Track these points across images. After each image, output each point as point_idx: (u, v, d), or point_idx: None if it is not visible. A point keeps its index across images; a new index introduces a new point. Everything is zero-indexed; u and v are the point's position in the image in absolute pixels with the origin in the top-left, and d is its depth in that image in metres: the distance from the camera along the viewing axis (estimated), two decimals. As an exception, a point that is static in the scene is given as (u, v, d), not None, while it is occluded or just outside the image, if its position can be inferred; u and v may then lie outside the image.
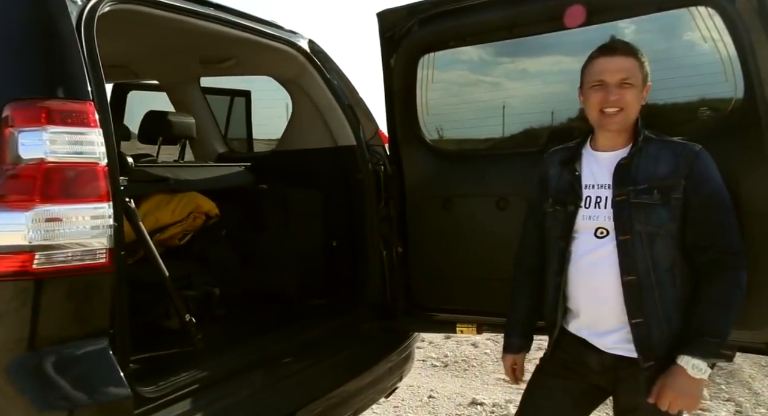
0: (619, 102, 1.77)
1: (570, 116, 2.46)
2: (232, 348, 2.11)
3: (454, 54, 2.59)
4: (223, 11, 2.40)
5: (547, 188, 1.98)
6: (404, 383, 4.55)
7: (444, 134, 2.74)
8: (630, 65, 1.78)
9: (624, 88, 1.77)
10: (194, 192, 2.60)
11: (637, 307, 1.77)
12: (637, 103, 1.80)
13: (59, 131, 1.43)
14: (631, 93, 1.78)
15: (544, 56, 2.50)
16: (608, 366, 1.85)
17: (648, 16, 2.14)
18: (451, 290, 2.64)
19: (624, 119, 1.80)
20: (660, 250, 1.76)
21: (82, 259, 1.44)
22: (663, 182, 1.77)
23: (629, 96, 1.77)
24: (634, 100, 1.79)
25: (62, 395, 1.39)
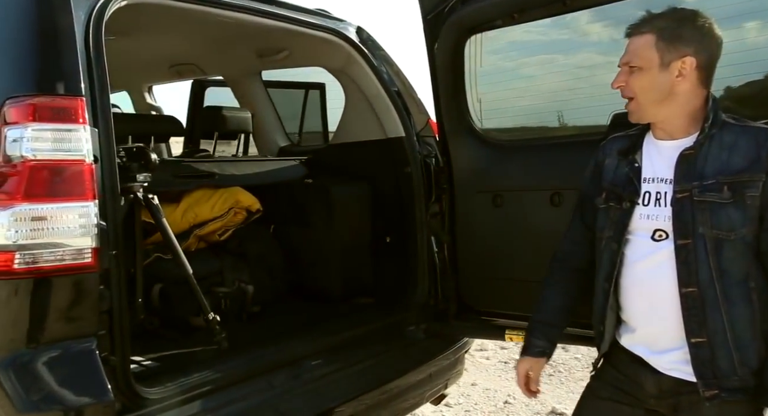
0: (624, 90, 1.57)
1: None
2: (254, 349, 2.05)
3: (504, 34, 2.35)
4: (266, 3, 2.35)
5: (601, 180, 1.71)
6: (481, 386, 4.40)
7: (496, 123, 2.51)
8: (638, 45, 1.53)
9: (631, 72, 1.54)
10: (236, 187, 2.57)
11: (697, 324, 1.48)
12: (651, 88, 1.52)
13: (44, 128, 1.41)
14: (638, 78, 1.53)
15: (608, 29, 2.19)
16: (666, 390, 1.58)
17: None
18: (502, 293, 2.44)
19: (637, 109, 1.57)
20: (729, 258, 1.46)
21: (67, 259, 1.41)
22: (736, 176, 1.46)
23: (634, 82, 1.54)
24: (643, 85, 1.53)
25: (43, 397, 1.37)
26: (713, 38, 1.51)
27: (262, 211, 2.64)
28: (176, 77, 3.83)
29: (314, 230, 2.72)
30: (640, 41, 1.53)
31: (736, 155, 1.47)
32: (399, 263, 2.72)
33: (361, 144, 2.86)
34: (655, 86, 1.52)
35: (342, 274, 2.70)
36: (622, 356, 1.68)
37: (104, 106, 1.59)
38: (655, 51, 1.51)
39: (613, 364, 1.72)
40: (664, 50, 1.50)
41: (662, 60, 1.50)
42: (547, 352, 1.80)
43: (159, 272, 2.24)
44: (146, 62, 3.73)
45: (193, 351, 2.02)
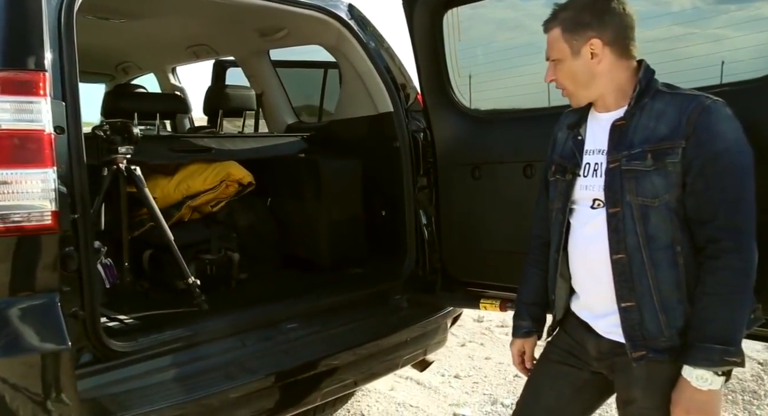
0: (557, 83, 1.64)
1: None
2: (232, 311, 2.17)
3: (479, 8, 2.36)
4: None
5: (554, 153, 1.77)
6: (494, 359, 4.44)
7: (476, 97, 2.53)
8: (551, 39, 1.60)
9: (554, 65, 1.61)
10: (228, 161, 2.69)
11: (627, 289, 1.52)
12: (572, 76, 1.59)
13: (7, 100, 1.55)
14: (560, 69, 1.60)
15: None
16: (605, 352, 1.64)
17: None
18: (480, 264, 2.48)
19: (570, 95, 1.64)
20: (655, 224, 1.49)
21: (29, 220, 1.56)
22: (659, 144, 1.48)
23: (558, 73, 1.61)
24: (565, 75, 1.59)
25: (8, 342, 1.53)
26: (614, 13, 1.54)
27: (254, 184, 2.76)
28: (194, 58, 4.00)
29: (305, 203, 2.82)
30: (552, 36, 1.60)
31: (662, 123, 1.49)
32: (389, 236, 2.79)
33: (355, 120, 2.93)
34: (576, 73, 1.58)
35: (331, 245, 2.79)
36: (573, 321, 1.74)
37: (72, 81, 1.72)
38: (564, 42, 1.57)
39: (565, 329, 1.78)
40: (570, 40, 1.56)
41: (572, 49, 1.56)
42: (534, 331, 1.86)
43: (151, 239, 2.40)
44: (166, 44, 3.91)
45: (174, 311, 2.17)
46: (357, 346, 2.20)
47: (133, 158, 2.21)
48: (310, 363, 2.08)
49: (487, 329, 5.08)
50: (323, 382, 2.11)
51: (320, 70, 4.50)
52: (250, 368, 1.97)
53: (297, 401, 2.07)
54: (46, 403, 1.53)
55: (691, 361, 1.43)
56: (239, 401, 1.90)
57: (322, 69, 4.50)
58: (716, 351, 1.40)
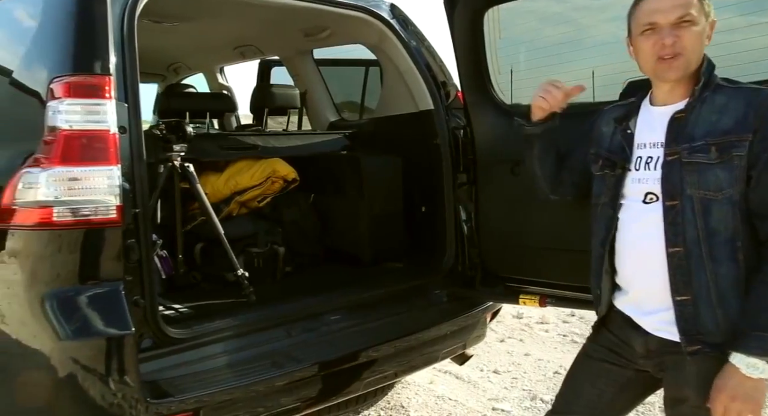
0: (676, 45, 1.50)
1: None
2: (278, 302, 2.27)
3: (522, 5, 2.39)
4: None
5: (599, 147, 1.77)
6: (533, 355, 4.45)
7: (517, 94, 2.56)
8: (685, 1, 1.50)
9: (682, 27, 1.50)
10: (274, 158, 2.80)
11: (683, 283, 1.52)
12: (699, 44, 1.52)
13: (77, 103, 1.67)
14: (692, 33, 1.50)
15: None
16: (653, 350, 1.63)
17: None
18: (519, 259, 2.51)
19: (685, 65, 1.52)
20: (717, 218, 1.48)
21: (96, 214, 1.68)
22: (724, 137, 1.47)
23: (689, 37, 1.50)
24: (695, 41, 1.50)
25: (78, 327, 1.65)
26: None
27: (298, 180, 2.85)
28: (241, 58, 4.12)
29: (347, 199, 2.91)
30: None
31: (725, 117, 1.48)
32: (429, 231, 2.85)
33: (397, 117, 2.99)
34: (701, 43, 1.53)
35: (372, 240, 2.87)
36: (617, 318, 1.74)
37: (133, 83, 1.84)
38: (701, 6, 1.52)
39: (608, 327, 1.78)
40: (702, 8, 1.52)
41: (705, 17, 1.52)
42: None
43: (202, 232, 2.52)
44: (214, 45, 4.05)
45: (224, 302, 2.28)
46: (398, 338, 2.27)
47: (186, 156, 2.32)
48: (353, 354, 2.16)
49: (527, 325, 5.09)
50: (365, 373, 2.18)
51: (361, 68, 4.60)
52: (296, 357, 2.05)
53: (339, 390, 2.16)
54: (112, 383, 1.64)
55: (744, 349, 1.43)
56: (285, 388, 1.99)
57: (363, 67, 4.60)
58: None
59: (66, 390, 1.66)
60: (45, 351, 1.67)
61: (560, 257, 2.35)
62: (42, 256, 1.68)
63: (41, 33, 1.88)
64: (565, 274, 2.35)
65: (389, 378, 2.33)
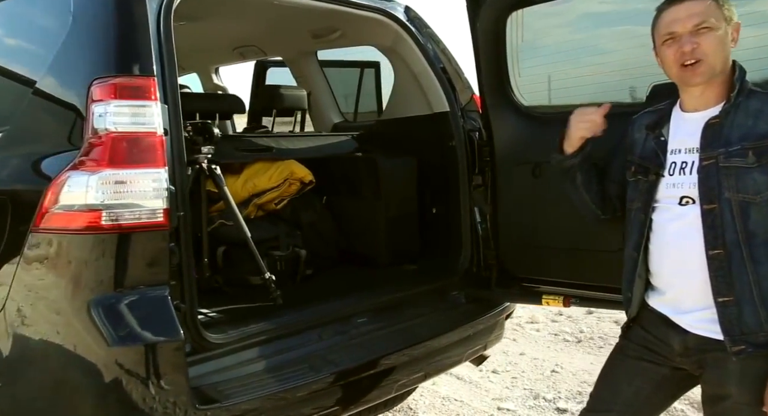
0: (696, 52, 1.56)
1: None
2: (306, 306, 2.26)
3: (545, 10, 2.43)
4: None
5: (631, 154, 1.81)
6: (529, 355, 4.52)
7: (536, 98, 2.60)
8: (703, 7, 1.55)
9: (701, 34, 1.55)
10: (291, 160, 2.78)
11: (725, 284, 1.56)
12: (721, 48, 1.57)
13: (123, 104, 1.64)
14: (711, 38, 1.55)
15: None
16: (692, 347, 1.66)
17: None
18: (541, 260, 2.54)
19: (709, 70, 1.57)
20: (756, 220, 1.53)
21: (143, 217, 1.64)
22: (761, 141, 1.52)
23: (708, 42, 1.55)
24: (716, 45, 1.56)
25: (127, 333, 1.62)
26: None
27: (314, 182, 2.84)
28: (240, 59, 4.07)
29: (363, 201, 2.90)
30: (704, 4, 1.56)
31: (761, 121, 1.54)
32: (444, 233, 2.86)
33: (409, 119, 3.00)
34: (724, 47, 1.58)
35: (388, 242, 2.87)
36: (651, 317, 1.77)
37: (173, 84, 1.80)
38: (720, 12, 1.56)
39: (641, 325, 1.81)
40: (722, 13, 1.57)
41: (726, 22, 1.57)
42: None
43: (222, 236, 2.48)
44: (213, 45, 3.99)
45: (252, 305, 2.25)
46: (427, 340, 2.28)
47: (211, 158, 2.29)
48: (386, 357, 2.16)
49: (518, 325, 5.16)
50: (398, 374, 2.19)
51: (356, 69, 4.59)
52: (332, 360, 2.05)
53: (374, 392, 2.16)
54: (161, 390, 1.61)
55: None
56: (325, 392, 1.98)
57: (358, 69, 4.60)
58: None
59: (114, 396, 1.62)
60: (93, 358, 1.62)
61: (582, 257, 2.39)
62: (87, 261, 1.64)
63: (74, 33, 1.83)
64: (587, 274, 2.39)
65: (419, 379, 2.34)
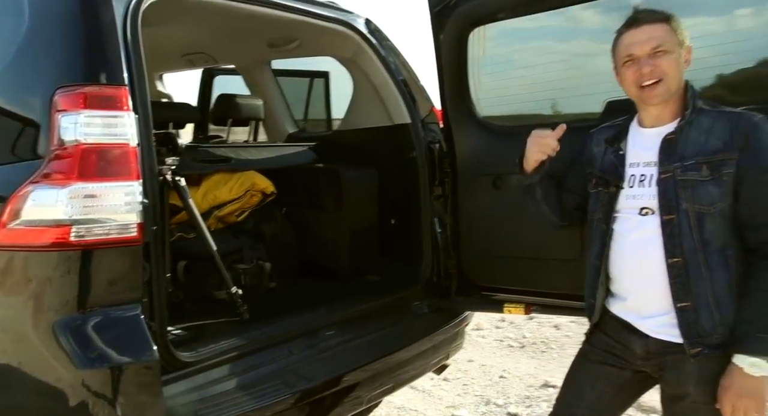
0: (654, 72, 1.67)
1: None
2: (274, 320, 2.21)
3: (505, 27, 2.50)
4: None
5: (591, 167, 1.91)
6: (477, 361, 4.60)
7: (496, 111, 2.67)
8: (659, 32, 1.67)
9: (657, 56, 1.67)
10: (251, 171, 2.72)
11: (684, 291, 1.66)
12: (676, 70, 1.68)
13: (94, 115, 1.56)
14: (667, 60, 1.67)
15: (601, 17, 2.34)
16: (653, 351, 1.76)
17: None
18: (501, 269, 2.60)
19: (666, 91, 1.69)
20: (711, 230, 1.64)
21: (115, 232, 1.57)
22: (714, 156, 1.64)
23: (665, 64, 1.67)
24: (672, 67, 1.67)
25: (98, 355, 1.54)
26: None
27: (276, 193, 2.80)
28: (188, 66, 3.97)
29: (325, 212, 2.88)
30: (661, 28, 1.68)
31: (713, 138, 1.65)
32: (404, 243, 2.88)
33: (369, 130, 3.01)
34: (678, 69, 1.69)
35: (351, 253, 2.86)
36: (613, 323, 1.86)
37: (143, 93, 1.74)
38: (675, 36, 1.68)
39: (603, 331, 1.89)
40: (677, 37, 1.68)
41: (679, 45, 1.68)
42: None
43: (183, 249, 2.40)
44: (159, 52, 3.84)
45: (218, 321, 2.19)
46: (396, 351, 2.29)
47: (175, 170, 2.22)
48: (357, 369, 2.15)
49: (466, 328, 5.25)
50: (369, 386, 2.18)
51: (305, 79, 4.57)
52: (305, 375, 2.02)
53: (348, 406, 2.14)
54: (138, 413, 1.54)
55: (746, 350, 1.58)
56: (300, 407, 1.95)
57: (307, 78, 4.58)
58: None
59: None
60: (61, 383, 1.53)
61: (542, 265, 2.47)
62: (51, 279, 1.55)
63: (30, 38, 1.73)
64: (547, 282, 2.47)
65: (388, 391, 2.34)
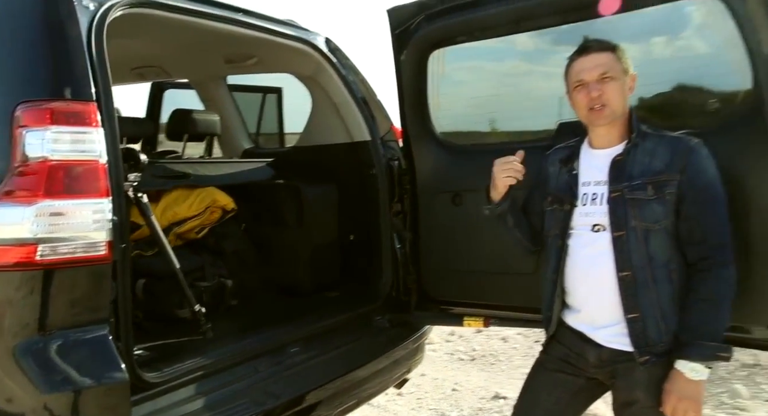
0: (601, 97, 1.80)
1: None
2: (239, 338, 2.20)
3: (463, 48, 2.59)
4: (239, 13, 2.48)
5: (547, 186, 2.00)
6: (429, 375, 4.65)
7: (454, 129, 2.75)
8: (606, 60, 1.81)
9: (604, 82, 1.80)
10: (211, 187, 2.70)
11: (632, 302, 1.77)
12: (621, 95, 1.81)
13: (62, 131, 1.53)
14: (613, 86, 1.80)
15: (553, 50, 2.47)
16: (606, 359, 1.86)
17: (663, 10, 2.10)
18: (460, 284, 2.67)
19: (611, 114, 1.82)
20: (656, 246, 1.76)
21: (83, 251, 1.53)
22: (657, 177, 1.76)
23: (611, 90, 1.79)
24: (616, 92, 1.80)
25: (64, 377, 1.49)
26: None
27: (236, 210, 2.78)
28: (138, 79, 3.88)
29: (285, 228, 2.88)
30: (604, 58, 1.81)
31: (656, 160, 1.78)
32: (364, 259, 2.91)
33: (328, 147, 3.03)
34: (622, 94, 1.82)
35: (312, 269, 2.87)
36: (568, 333, 1.96)
37: (109, 108, 1.71)
38: (620, 64, 1.81)
39: (559, 341, 1.99)
40: (622, 65, 1.81)
41: (624, 72, 1.81)
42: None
43: (142, 267, 2.35)
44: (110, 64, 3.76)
45: (181, 340, 2.15)
46: (361, 366, 2.30)
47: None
48: (323, 386, 2.15)
49: (426, 341, 5.31)
50: (337, 401, 2.19)
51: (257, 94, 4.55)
52: (272, 392, 2.01)
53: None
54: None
55: (687, 356, 1.71)
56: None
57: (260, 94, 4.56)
58: (709, 347, 1.70)
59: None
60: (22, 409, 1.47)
61: (499, 280, 2.55)
62: (14, 300, 1.49)
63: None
64: (504, 296, 2.55)
65: (353, 406, 2.35)
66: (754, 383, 4.03)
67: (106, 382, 1.53)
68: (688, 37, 2.12)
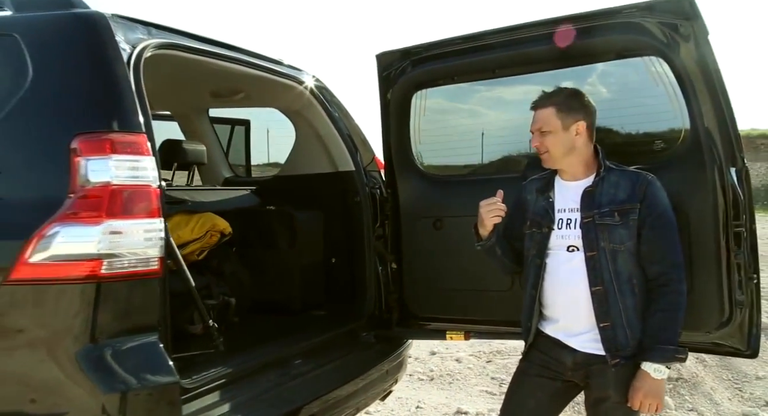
0: (541, 147, 2.15)
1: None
2: (248, 351, 2.38)
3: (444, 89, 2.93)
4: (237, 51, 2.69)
5: (526, 212, 2.30)
6: (393, 395, 4.83)
7: (433, 161, 3.06)
8: (544, 115, 2.14)
9: (543, 135, 2.15)
10: (209, 213, 2.88)
11: (604, 313, 2.08)
12: (559, 144, 2.14)
13: (121, 159, 1.72)
14: (549, 138, 2.13)
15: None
16: (580, 362, 2.15)
17: (613, 63, 2.50)
18: (441, 301, 2.93)
19: (551, 159, 2.16)
20: (621, 264, 2.08)
21: (138, 266, 1.71)
22: (622, 206, 2.09)
23: (548, 141, 2.13)
24: (552, 143, 2.13)
25: (121, 379, 1.65)
26: (592, 107, 2.20)
27: (232, 233, 2.96)
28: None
29: (277, 251, 3.08)
30: (546, 113, 2.14)
31: (620, 191, 2.12)
32: (349, 280, 3.14)
33: (313, 176, 3.27)
34: (562, 143, 2.14)
35: (301, 289, 3.07)
36: (546, 341, 2.24)
37: (152, 139, 1.90)
38: (557, 119, 2.13)
39: (537, 349, 2.27)
40: (563, 118, 2.13)
41: (563, 125, 2.14)
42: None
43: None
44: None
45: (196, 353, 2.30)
46: (359, 376, 2.52)
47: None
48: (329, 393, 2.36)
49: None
50: (338, 408, 2.39)
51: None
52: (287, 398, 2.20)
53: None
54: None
55: (651, 358, 2.03)
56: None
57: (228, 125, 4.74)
58: (669, 350, 2.03)
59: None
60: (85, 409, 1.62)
61: (478, 297, 2.84)
62: (80, 309, 1.65)
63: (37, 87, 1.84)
64: (483, 311, 2.83)
65: (353, 413, 2.55)
66: (679, 394, 4.45)
67: (161, 383, 1.70)
68: (638, 88, 2.51)
